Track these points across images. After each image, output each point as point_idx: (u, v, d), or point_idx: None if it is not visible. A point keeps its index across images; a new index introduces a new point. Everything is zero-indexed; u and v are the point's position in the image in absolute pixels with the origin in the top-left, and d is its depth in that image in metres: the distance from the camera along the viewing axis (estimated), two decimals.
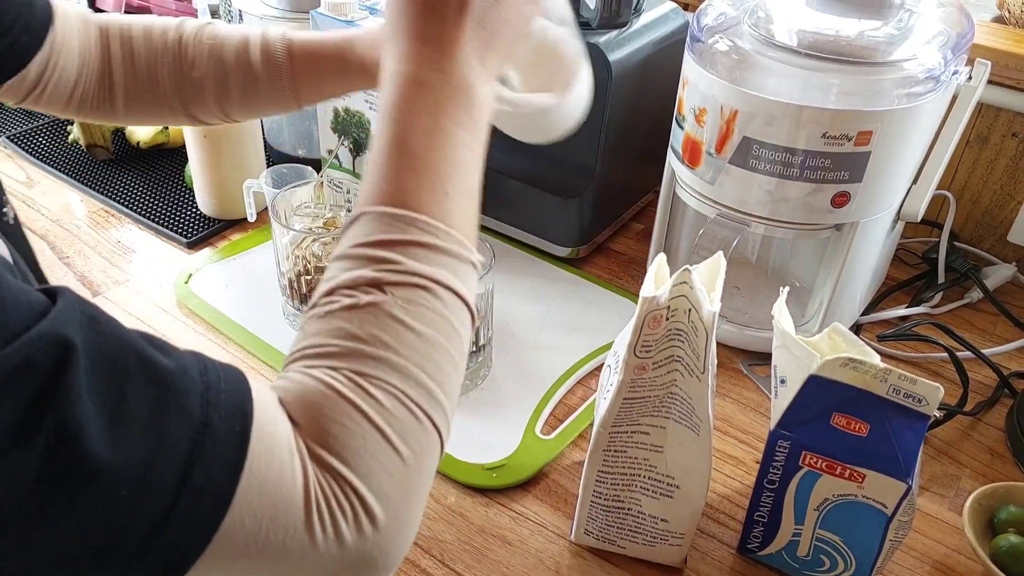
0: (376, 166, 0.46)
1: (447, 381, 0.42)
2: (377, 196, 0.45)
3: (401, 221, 0.43)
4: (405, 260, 0.42)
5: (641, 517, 0.62)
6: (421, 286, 0.42)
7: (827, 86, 0.71)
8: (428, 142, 0.47)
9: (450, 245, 0.44)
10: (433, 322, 0.42)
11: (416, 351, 0.41)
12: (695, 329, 0.55)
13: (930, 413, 0.55)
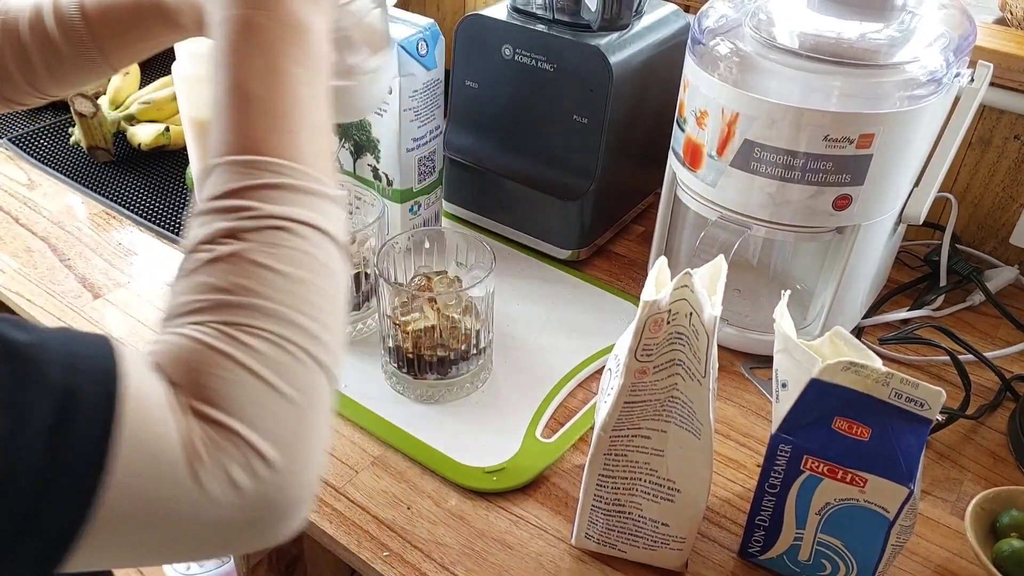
0: (218, 116, 0.46)
1: (324, 316, 0.42)
2: (223, 146, 0.44)
3: (250, 167, 0.43)
4: (259, 204, 0.42)
5: (642, 521, 0.62)
6: (279, 227, 0.42)
7: (828, 88, 0.71)
8: (265, 84, 0.46)
9: (303, 182, 0.44)
10: (297, 261, 0.42)
11: (284, 292, 0.41)
12: (696, 333, 0.54)
13: (932, 417, 0.55)
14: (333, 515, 0.67)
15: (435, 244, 0.80)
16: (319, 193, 0.45)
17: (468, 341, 0.75)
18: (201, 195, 0.44)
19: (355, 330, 0.84)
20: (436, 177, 0.91)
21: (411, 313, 0.74)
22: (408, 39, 0.79)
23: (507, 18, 0.89)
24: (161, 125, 1.13)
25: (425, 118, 0.85)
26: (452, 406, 0.77)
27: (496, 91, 0.93)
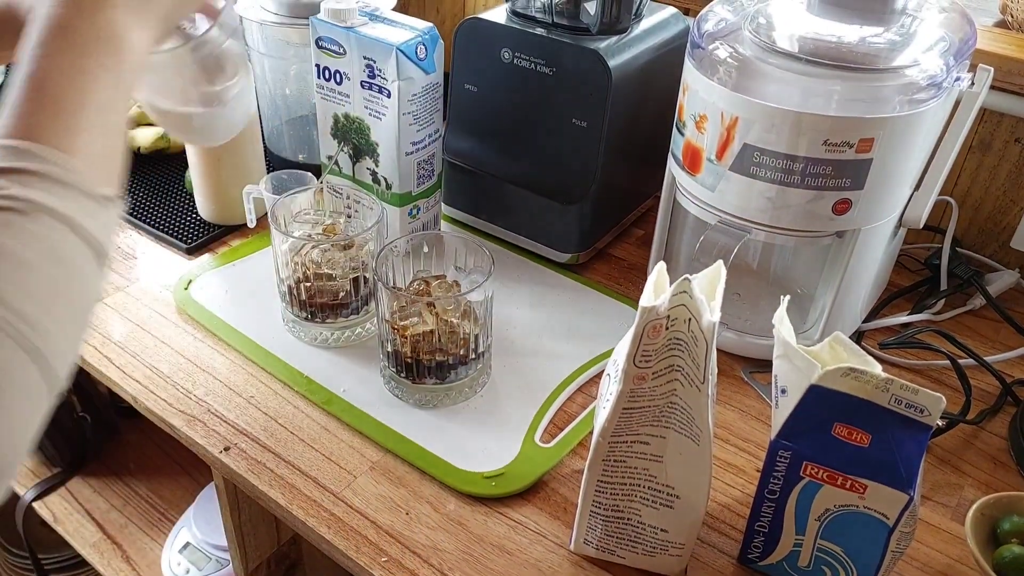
0: (13, 99, 0.46)
1: (46, 303, 0.41)
2: (5, 131, 0.45)
3: (20, 152, 0.44)
4: (10, 186, 0.42)
5: (641, 527, 0.62)
6: (14, 209, 0.42)
7: (828, 93, 0.70)
8: (63, 80, 0.47)
9: (68, 177, 0.44)
10: (30, 246, 0.42)
11: (5, 273, 0.40)
12: (695, 339, 0.54)
13: (932, 423, 0.55)
14: (331, 520, 0.67)
15: (434, 248, 0.80)
16: (83, 190, 0.45)
17: (467, 345, 0.75)
18: None
19: (354, 334, 0.84)
20: (435, 181, 0.91)
21: (409, 318, 0.74)
22: (407, 43, 0.79)
23: (506, 21, 0.89)
24: (160, 129, 1.12)
25: (424, 122, 0.85)
26: (451, 411, 0.77)
27: (495, 95, 0.92)
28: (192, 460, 1.31)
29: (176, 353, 0.82)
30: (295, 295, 0.82)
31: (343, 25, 0.81)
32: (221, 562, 1.18)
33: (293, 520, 0.68)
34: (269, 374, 0.80)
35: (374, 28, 0.81)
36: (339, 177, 0.91)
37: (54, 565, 1.39)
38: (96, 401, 1.30)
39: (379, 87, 0.82)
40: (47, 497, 1.30)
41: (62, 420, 1.25)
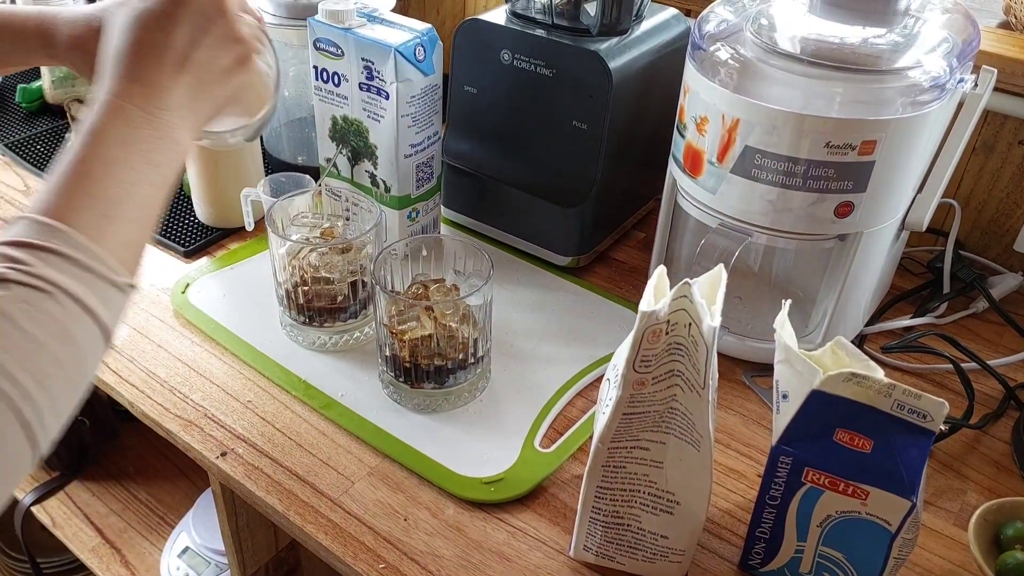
0: (56, 177, 0.50)
1: (47, 380, 0.44)
2: (40, 204, 0.48)
3: (50, 230, 0.47)
4: (36, 263, 0.45)
5: (641, 533, 0.61)
6: (43, 289, 0.45)
7: (830, 95, 0.70)
8: (109, 170, 0.50)
9: (92, 262, 0.47)
10: (44, 324, 0.44)
11: (14, 346, 0.43)
12: (695, 343, 0.54)
13: (935, 429, 0.54)
14: (329, 526, 0.66)
15: (432, 252, 0.79)
16: (104, 277, 0.48)
17: (466, 350, 0.74)
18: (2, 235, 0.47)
19: (352, 338, 0.84)
20: (434, 183, 0.90)
21: (408, 322, 0.73)
22: (405, 44, 0.78)
23: (506, 23, 0.89)
24: None
25: (423, 124, 0.84)
26: (450, 415, 0.76)
27: (495, 96, 0.92)
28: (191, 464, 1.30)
29: (173, 357, 0.82)
30: (293, 299, 0.81)
31: (341, 26, 0.81)
32: (220, 567, 1.17)
33: (290, 526, 0.67)
34: (266, 378, 0.80)
35: (372, 29, 0.81)
36: (337, 180, 0.91)
37: (53, 569, 1.38)
38: (95, 405, 1.30)
39: (377, 89, 0.81)
40: (46, 501, 1.30)
41: None
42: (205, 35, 0.57)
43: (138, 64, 0.54)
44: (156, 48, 0.55)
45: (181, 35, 0.56)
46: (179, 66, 0.55)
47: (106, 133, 0.51)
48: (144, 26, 0.55)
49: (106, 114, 0.52)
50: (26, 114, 1.24)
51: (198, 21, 0.57)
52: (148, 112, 0.53)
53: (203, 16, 0.57)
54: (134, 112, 0.53)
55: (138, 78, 0.54)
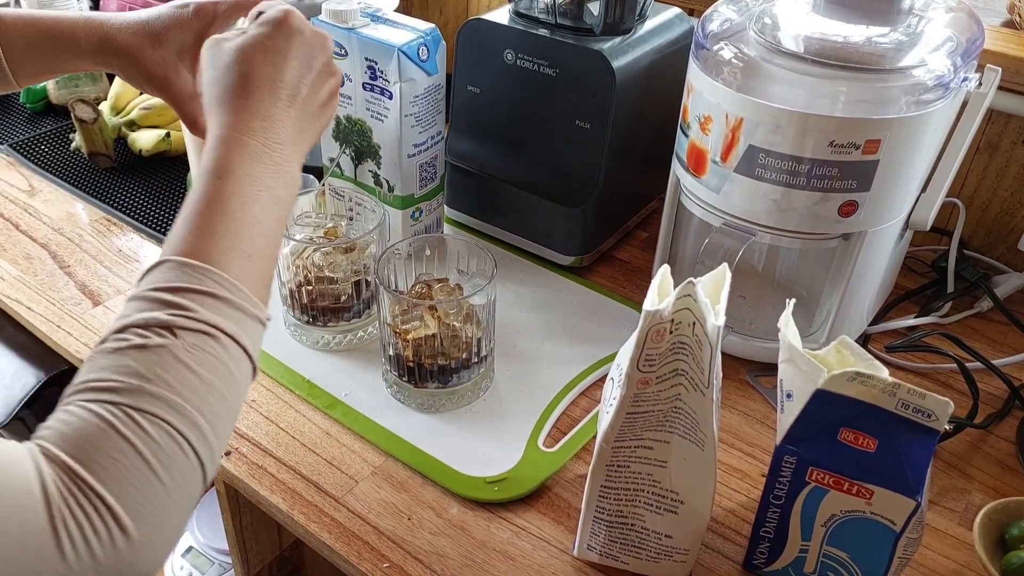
0: (191, 216, 0.50)
1: (218, 421, 0.46)
2: (183, 246, 0.49)
3: (201, 273, 0.48)
4: (198, 308, 0.47)
5: (645, 533, 0.61)
6: (209, 334, 0.46)
7: (834, 94, 0.70)
8: (245, 209, 0.51)
9: (242, 301, 0.49)
10: (214, 367, 0.46)
11: (194, 392, 0.45)
12: (699, 343, 0.54)
13: (940, 428, 0.54)
14: (333, 525, 0.66)
15: (436, 251, 0.79)
16: (250, 313, 0.49)
17: (469, 349, 0.74)
18: (148, 279, 0.48)
19: (356, 338, 0.84)
20: (438, 183, 0.90)
21: (411, 321, 0.73)
22: (409, 44, 0.78)
23: (509, 22, 0.89)
24: (162, 131, 1.12)
25: (426, 124, 0.84)
26: (453, 415, 0.76)
27: (498, 96, 0.92)
28: None
29: None
30: (296, 298, 0.81)
31: (344, 26, 0.81)
32: (224, 566, 1.17)
33: (294, 525, 0.67)
34: (270, 378, 0.80)
35: (376, 29, 0.81)
36: (341, 179, 0.91)
37: None
38: None
39: (381, 89, 0.81)
40: None
41: None
42: (310, 70, 0.59)
43: (253, 98, 0.55)
44: (270, 82, 0.56)
45: (292, 69, 0.57)
46: (291, 100, 0.57)
47: (234, 170, 0.52)
48: (255, 60, 0.56)
49: (230, 150, 0.52)
50: (30, 114, 1.24)
51: (305, 56, 0.58)
52: (268, 147, 0.54)
53: (309, 51, 0.59)
54: (256, 147, 0.53)
55: (256, 112, 0.54)
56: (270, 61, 0.56)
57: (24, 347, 1.23)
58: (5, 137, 1.17)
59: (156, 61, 0.68)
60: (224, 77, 0.56)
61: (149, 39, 0.68)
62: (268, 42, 0.57)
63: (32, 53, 0.68)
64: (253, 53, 0.56)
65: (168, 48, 0.68)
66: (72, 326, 0.85)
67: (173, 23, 0.68)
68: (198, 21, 0.69)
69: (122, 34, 0.67)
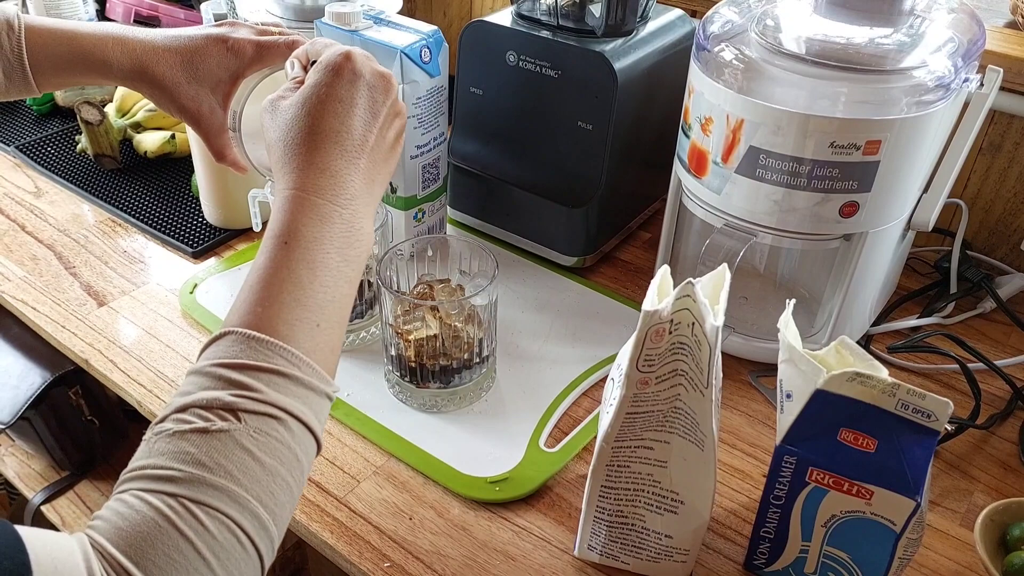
0: (257, 284, 0.48)
1: (279, 510, 0.44)
2: (249, 316, 0.47)
3: (267, 348, 0.45)
4: (264, 389, 0.44)
5: (645, 533, 0.61)
6: (274, 416, 0.44)
7: (835, 94, 0.70)
8: (314, 275, 0.49)
9: (310, 378, 0.46)
10: (278, 452, 0.44)
11: (257, 482, 0.42)
12: (699, 343, 0.54)
13: (939, 429, 0.54)
14: (334, 525, 0.67)
15: (438, 252, 0.80)
16: (318, 390, 0.47)
17: (471, 350, 0.75)
18: (211, 352, 0.46)
19: (358, 338, 0.84)
20: (440, 184, 0.91)
21: (413, 322, 0.73)
22: (412, 46, 0.79)
23: (511, 24, 0.89)
24: (167, 132, 1.13)
25: (429, 125, 0.85)
26: (455, 415, 0.76)
27: (501, 98, 0.92)
28: None
29: (181, 357, 0.82)
30: None
31: (347, 28, 0.81)
32: None
33: (296, 525, 0.67)
34: None
35: (379, 31, 0.81)
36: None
37: None
38: (104, 405, 1.30)
39: None
40: (55, 501, 1.30)
41: (70, 424, 1.25)
42: (376, 115, 0.55)
43: (319, 154, 0.52)
44: (335, 135, 0.53)
45: (358, 119, 0.54)
46: (359, 150, 0.54)
47: (302, 233, 0.49)
48: (318, 113, 0.53)
49: (297, 211, 0.50)
50: (37, 116, 1.25)
51: (370, 100, 0.55)
52: (338, 204, 0.51)
53: (374, 96, 0.55)
54: (325, 206, 0.51)
55: (323, 168, 0.52)
56: (333, 111, 0.53)
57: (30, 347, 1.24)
58: (12, 139, 1.18)
59: (190, 95, 0.67)
60: (287, 135, 0.53)
61: (186, 74, 0.66)
62: (330, 91, 0.54)
63: (60, 69, 0.67)
64: (315, 105, 0.53)
65: (203, 83, 0.67)
66: (77, 327, 0.86)
67: (210, 59, 0.66)
68: (235, 60, 0.67)
69: (159, 66, 0.66)
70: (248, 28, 0.68)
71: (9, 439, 1.38)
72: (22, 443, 1.33)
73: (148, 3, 1.31)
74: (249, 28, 0.68)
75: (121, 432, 1.37)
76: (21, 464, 1.36)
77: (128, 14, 1.31)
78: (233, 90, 0.67)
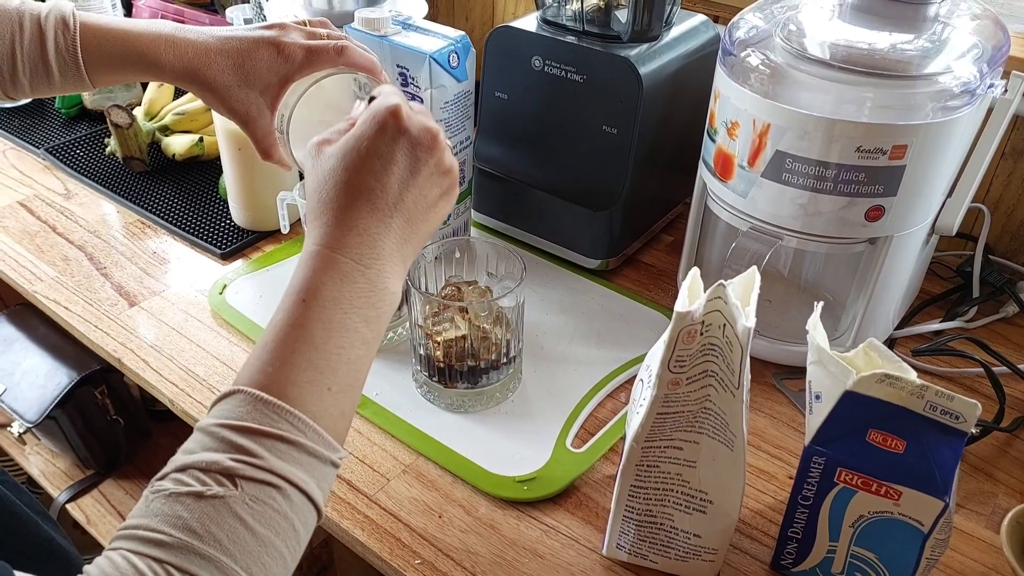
0: (271, 342, 0.47)
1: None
2: (258, 376, 0.46)
3: (274, 411, 0.44)
4: (265, 455, 0.43)
5: (674, 532, 0.62)
6: (273, 484, 0.43)
7: (861, 100, 0.70)
8: (329, 336, 0.48)
9: (316, 445, 0.45)
10: (274, 522, 0.43)
11: (247, 552, 0.41)
12: (730, 344, 0.54)
13: (967, 430, 0.54)
14: (365, 522, 0.68)
15: (465, 254, 0.81)
16: (323, 458, 0.46)
17: (499, 351, 0.76)
18: (218, 410, 0.45)
19: (386, 338, 0.85)
20: (466, 187, 0.92)
21: (442, 323, 0.74)
22: (440, 51, 0.80)
23: (537, 29, 0.90)
24: (195, 136, 1.14)
25: (455, 129, 0.86)
26: (482, 415, 0.77)
27: (526, 102, 0.93)
28: None
29: (211, 356, 0.84)
30: None
31: (377, 34, 0.83)
32: None
33: (327, 522, 0.68)
34: None
35: (407, 37, 0.82)
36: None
37: None
38: (129, 404, 1.32)
39: (412, 95, 0.83)
40: (80, 499, 1.32)
41: (95, 423, 1.27)
42: (416, 173, 0.53)
43: (350, 211, 0.50)
44: (368, 192, 0.51)
45: (395, 177, 0.52)
46: (393, 209, 0.52)
47: (321, 292, 0.48)
48: (354, 168, 0.51)
49: (319, 269, 0.49)
50: (66, 119, 1.26)
51: (411, 159, 0.53)
52: (363, 264, 0.50)
53: (416, 154, 0.53)
54: (348, 265, 0.49)
55: (352, 226, 0.50)
56: (370, 168, 0.51)
57: (57, 347, 1.26)
58: (42, 141, 1.19)
59: (240, 99, 0.67)
60: (321, 187, 0.52)
61: (236, 77, 0.66)
62: (369, 146, 0.52)
63: (113, 67, 0.68)
64: (353, 160, 0.52)
65: (253, 87, 0.67)
66: (110, 326, 0.87)
67: (261, 63, 0.66)
68: (285, 64, 0.67)
69: (210, 69, 0.66)
70: (298, 31, 0.68)
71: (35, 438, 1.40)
72: (48, 442, 1.35)
73: (174, 8, 1.33)
74: (299, 31, 0.68)
75: (145, 432, 1.39)
76: (46, 463, 1.38)
77: (154, 15, 1.33)
78: (281, 93, 0.67)
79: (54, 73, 0.67)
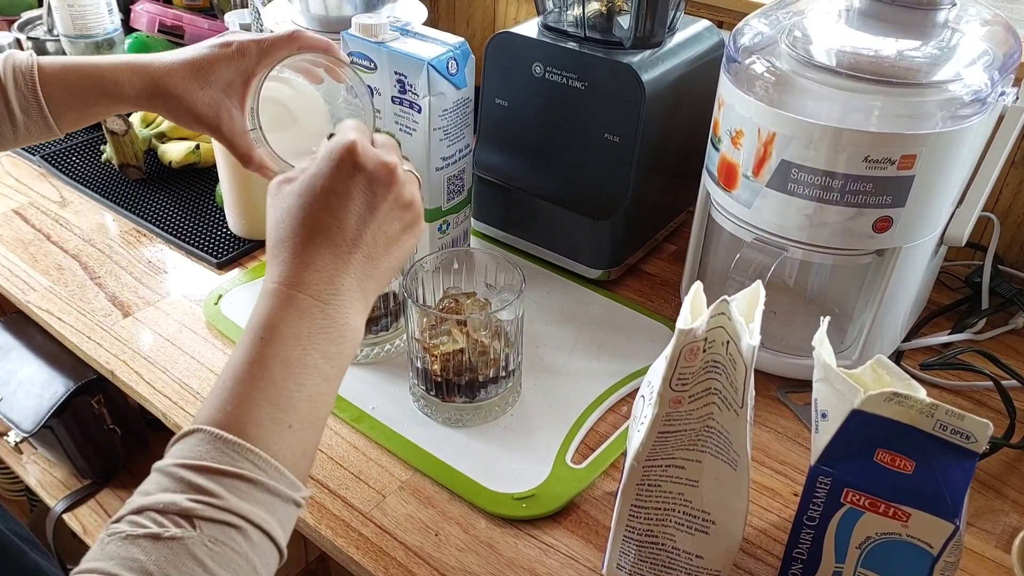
0: (229, 380, 0.47)
1: None
2: (217, 414, 0.45)
3: (234, 449, 0.44)
4: (225, 495, 0.42)
5: (675, 552, 0.61)
6: (233, 525, 0.42)
7: (868, 108, 0.69)
8: (288, 373, 0.47)
9: (278, 484, 0.45)
10: (234, 564, 0.42)
11: None
12: (733, 362, 0.53)
13: (979, 451, 0.53)
14: (360, 541, 0.66)
15: (464, 265, 0.79)
16: (284, 496, 0.45)
17: (497, 364, 0.74)
18: (177, 450, 0.44)
19: (383, 351, 0.83)
20: (465, 196, 0.90)
21: (440, 336, 0.73)
22: (438, 58, 0.78)
23: (538, 35, 0.89)
24: (191, 143, 1.13)
25: (454, 137, 0.84)
26: (481, 429, 0.76)
27: (527, 109, 0.92)
28: None
29: (205, 368, 0.82)
30: None
31: (374, 40, 0.81)
32: None
33: (321, 540, 0.67)
34: None
35: (405, 43, 0.81)
36: None
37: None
38: (126, 413, 1.31)
39: (410, 102, 0.81)
40: (77, 509, 1.31)
41: (92, 433, 1.25)
42: (375, 210, 0.53)
43: (307, 248, 0.51)
44: (327, 230, 0.51)
45: (353, 212, 0.52)
46: (353, 245, 0.52)
47: (280, 329, 0.48)
48: (312, 206, 0.51)
49: (277, 306, 0.49)
50: None
51: (369, 195, 0.53)
52: (321, 300, 0.50)
53: (373, 189, 0.53)
54: (307, 302, 0.49)
55: (309, 263, 0.50)
56: (325, 206, 0.51)
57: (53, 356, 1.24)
58: (37, 148, 1.18)
59: (204, 101, 0.67)
60: (279, 225, 0.52)
61: (196, 80, 0.67)
62: (326, 184, 0.52)
63: (74, 100, 0.68)
64: (309, 199, 0.52)
65: (215, 87, 0.68)
66: (102, 337, 0.86)
67: (218, 62, 0.68)
68: (242, 59, 0.68)
69: (169, 77, 0.67)
70: (249, 35, 0.70)
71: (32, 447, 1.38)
72: (44, 451, 1.34)
73: (172, 13, 1.32)
74: (250, 35, 0.70)
75: (143, 441, 1.37)
76: (43, 472, 1.37)
77: (152, 24, 1.32)
78: (247, 91, 0.69)
79: (16, 114, 0.67)
